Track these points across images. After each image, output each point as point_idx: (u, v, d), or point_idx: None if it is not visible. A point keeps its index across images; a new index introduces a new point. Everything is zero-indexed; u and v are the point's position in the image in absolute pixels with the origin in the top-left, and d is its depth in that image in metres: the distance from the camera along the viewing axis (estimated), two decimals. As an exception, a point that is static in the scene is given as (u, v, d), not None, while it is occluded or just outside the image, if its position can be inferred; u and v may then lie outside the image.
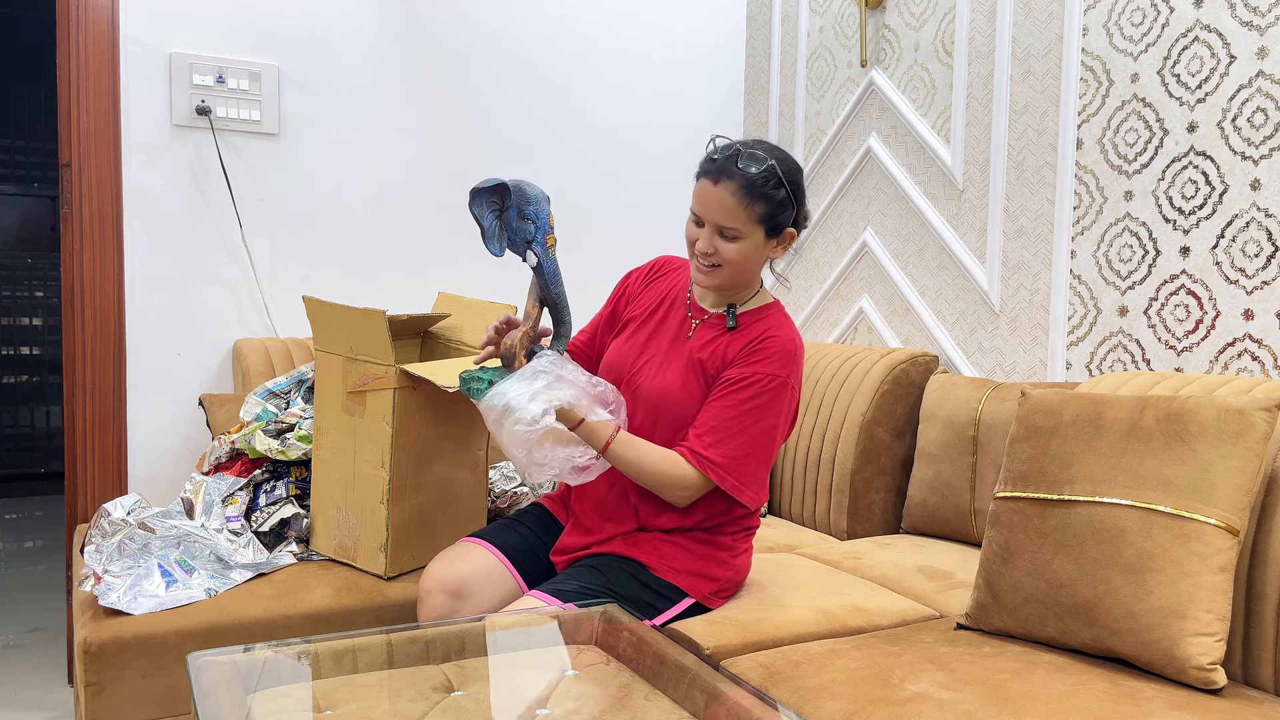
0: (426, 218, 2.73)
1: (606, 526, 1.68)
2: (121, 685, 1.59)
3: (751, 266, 1.62)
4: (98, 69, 2.34)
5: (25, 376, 4.93)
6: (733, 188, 1.53)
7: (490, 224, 1.57)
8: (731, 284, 1.64)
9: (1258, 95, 1.76)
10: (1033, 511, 1.50)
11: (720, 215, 1.55)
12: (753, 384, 1.58)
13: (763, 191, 1.54)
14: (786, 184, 1.56)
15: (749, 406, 1.58)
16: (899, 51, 2.55)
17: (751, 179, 1.53)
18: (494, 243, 1.57)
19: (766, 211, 1.56)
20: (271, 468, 1.96)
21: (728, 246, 1.57)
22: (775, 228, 1.59)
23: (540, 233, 1.55)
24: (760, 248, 1.60)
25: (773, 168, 1.54)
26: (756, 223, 1.56)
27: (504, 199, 1.55)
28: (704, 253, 1.59)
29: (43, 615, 3.01)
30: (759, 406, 1.58)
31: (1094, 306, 2.07)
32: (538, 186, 1.57)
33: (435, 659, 1.36)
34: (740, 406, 1.58)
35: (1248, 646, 1.41)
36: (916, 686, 1.33)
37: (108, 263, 2.37)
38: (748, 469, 1.59)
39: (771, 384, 1.59)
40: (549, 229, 1.56)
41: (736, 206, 1.54)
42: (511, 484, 2.21)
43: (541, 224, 1.55)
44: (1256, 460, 1.35)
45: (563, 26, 2.87)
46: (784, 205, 1.57)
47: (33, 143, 4.90)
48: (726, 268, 1.59)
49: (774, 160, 1.55)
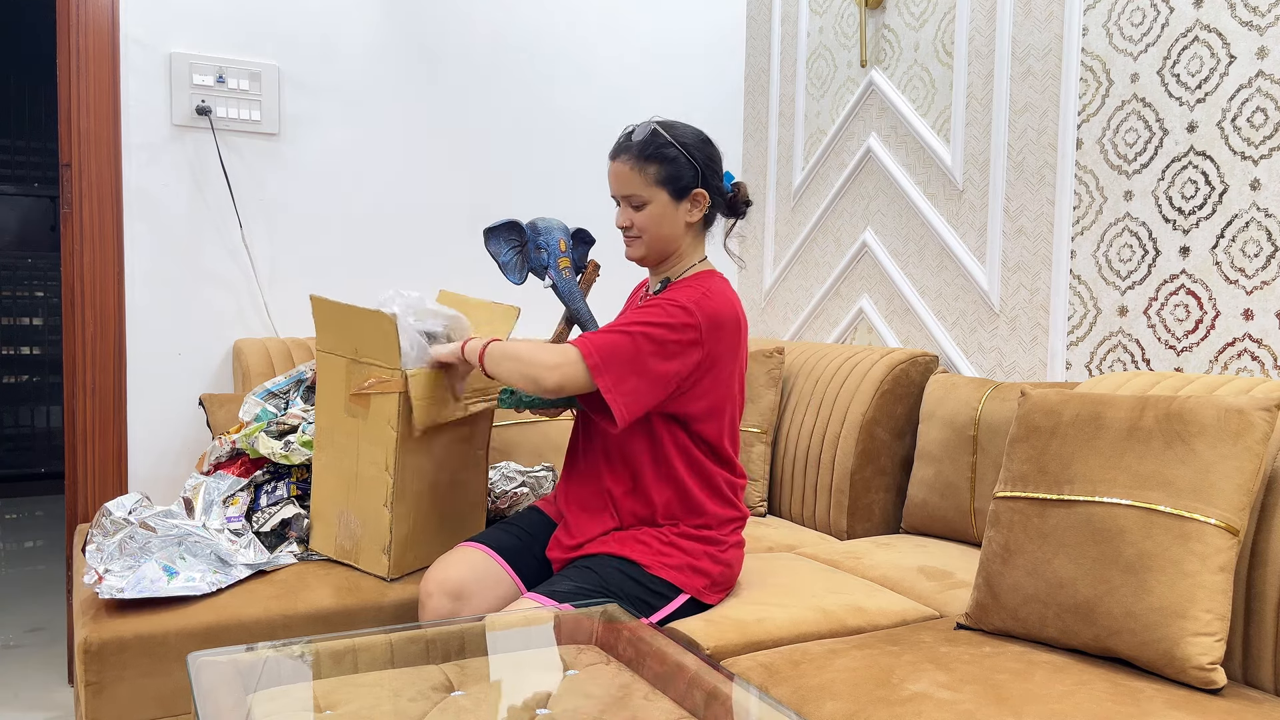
0: (427, 217, 2.73)
1: (589, 525, 1.70)
2: (121, 685, 1.59)
3: (669, 232, 1.68)
4: (98, 69, 2.34)
5: (25, 376, 4.93)
6: (626, 157, 1.66)
7: (510, 258, 1.83)
8: (654, 252, 1.70)
9: (1258, 95, 1.76)
10: (1033, 511, 1.50)
11: (623, 186, 1.67)
12: (653, 307, 1.61)
13: (652, 153, 1.64)
14: (677, 144, 1.65)
15: (642, 321, 1.59)
16: (899, 51, 2.55)
17: (640, 143, 1.65)
18: (514, 274, 1.84)
19: (663, 172, 1.64)
20: (273, 468, 1.96)
21: (638, 215, 1.67)
22: (680, 189, 1.66)
23: (552, 258, 1.78)
24: (670, 209, 1.67)
25: (656, 130, 1.65)
26: (656, 185, 1.65)
27: (522, 235, 1.82)
28: (623, 226, 1.70)
29: (43, 615, 3.01)
30: (652, 323, 1.58)
31: (1094, 306, 2.07)
32: (552, 219, 1.81)
33: (435, 659, 1.36)
34: (634, 317, 1.61)
35: (1248, 646, 1.41)
36: (916, 686, 1.33)
37: (108, 263, 2.37)
38: (616, 360, 1.56)
39: (675, 313, 1.58)
40: (559, 253, 1.78)
41: (631, 173, 1.65)
42: (512, 484, 2.21)
43: (553, 250, 1.78)
44: (1256, 460, 1.35)
45: (563, 27, 2.87)
46: (680, 164, 1.65)
47: (33, 143, 4.90)
48: (645, 236, 1.68)
49: (658, 124, 1.66)
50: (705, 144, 1.69)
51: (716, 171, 1.70)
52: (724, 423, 1.69)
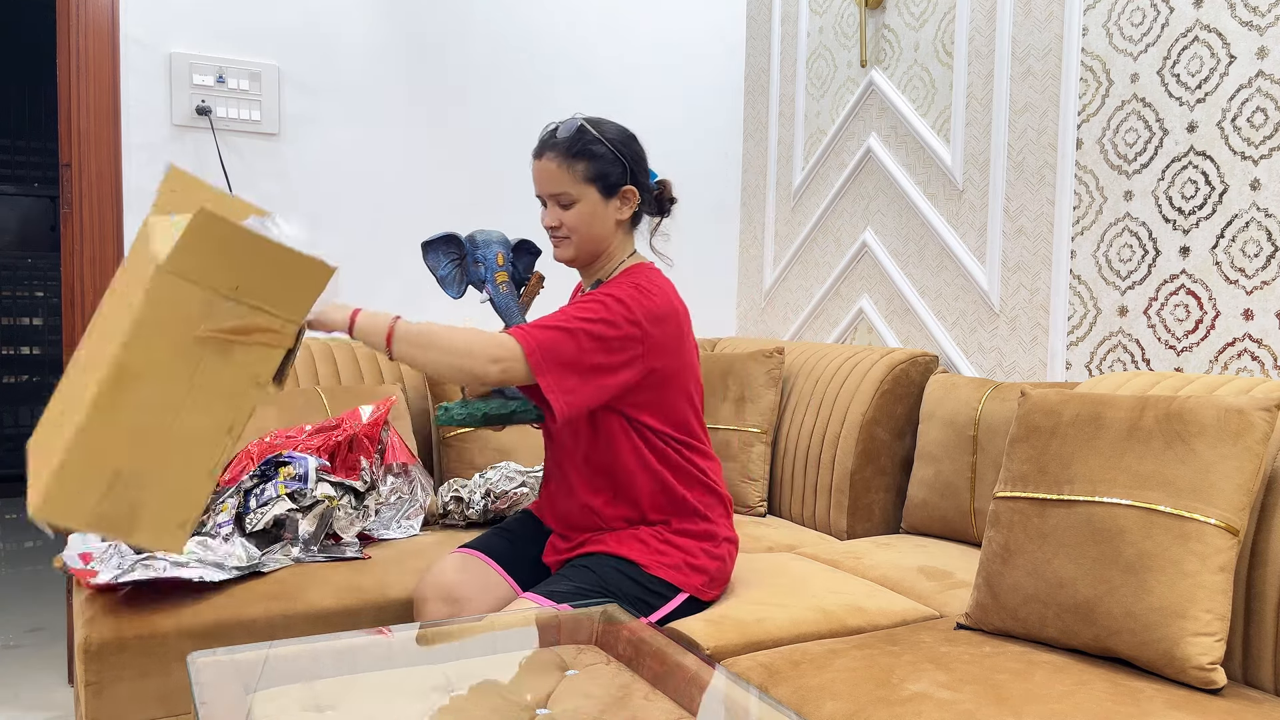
0: (427, 217, 2.73)
1: (577, 536, 1.70)
2: (121, 685, 1.59)
3: (599, 231, 1.65)
4: (98, 69, 2.34)
5: (25, 376, 4.93)
6: (552, 155, 1.62)
7: (448, 271, 1.77)
8: (585, 253, 1.67)
9: (1257, 95, 1.76)
10: (1033, 511, 1.50)
11: (550, 185, 1.63)
12: (594, 302, 1.57)
13: (579, 149, 1.61)
14: (605, 140, 1.62)
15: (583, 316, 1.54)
16: (899, 51, 2.55)
17: (566, 141, 1.61)
18: (452, 288, 1.77)
19: (591, 169, 1.61)
20: (260, 472, 1.95)
21: (567, 214, 1.63)
22: (609, 186, 1.63)
23: (489, 272, 1.71)
24: (600, 207, 1.64)
25: (583, 126, 1.62)
26: (585, 182, 1.62)
27: (460, 249, 1.76)
28: (551, 227, 1.66)
29: (43, 615, 3.01)
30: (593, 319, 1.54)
31: (1094, 306, 2.07)
32: (492, 231, 1.75)
33: (435, 659, 1.36)
34: (574, 312, 1.56)
35: (1248, 646, 1.41)
36: (916, 686, 1.33)
37: (108, 263, 2.37)
38: (558, 358, 1.52)
39: (615, 308, 1.55)
40: (497, 267, 1.71)
41: (559, 170, 1.61)
42: (512, 484, 2.21)
43: (490, 264, 1.71)
44: (1256, 460, 1.35)
45: (563, 27, 2.87)
46: (608, 160, 1.62)
47: (33, 143, 4.90)
48: (574, 236, 1.65)
49: (585, 121, 1.63)
50: (631, 140, 1.67)
51: (643, 168, 1.68)
52: (686, 413, 1.67)
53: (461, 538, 2.11)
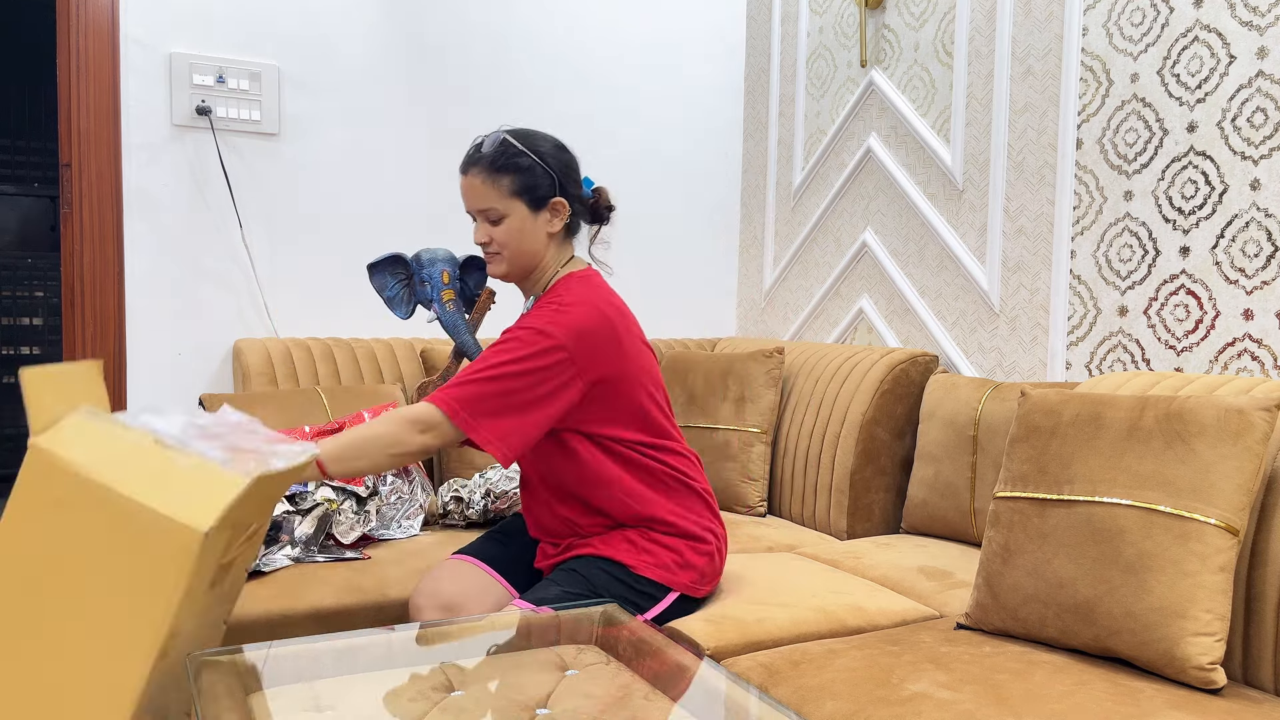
0: (427, 217, 2.73)
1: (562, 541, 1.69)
2: (121, 685, 1.59)
3: (530, 246, 1.63)
4: (98, 69, 2.34)
5: (25, 376, 4.93)
6: (477, 170, 1.60)
7: (396, 292, 1.80)
8: (518, 267, 1.65)
9: (1257, 95, 1.76)
10: (1033, 511, 1.50)
11: (477, 200, 1.61)
12: (510, 341, 1.54)
13: (505, 163, 1.59)
14: (530, 151, 1.60)
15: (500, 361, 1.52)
16: (899, 51, 2.55)
17: (490, 155, 1.59)
18: (400, 308, 1.80)
19: (518, 182, 1.59)
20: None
21: (497, 230, 1.62)
22: (537, 199, 1.61)
23: (435, 291, 1.73)
24: (529, 221, 1.62)
25: (507, 139, 1.60)
26: (512, 196, 1.60)
27: (407, 269, 1.78)
28: (482, 243, 1.64)
29: (43, 615, 3.00)
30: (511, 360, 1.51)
31: (1094, 306, 2.07)
32: (438, 249, 1.77)
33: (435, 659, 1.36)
34: (491, 359, 1.53)
35: (1248, 646, 1.41)
36: (916, 686, 1.33)
37: (108, 263, 2.37)
38: (484, 410, 1.50)
39: (534, 340, 1.52)
40: (443, 285, 1.74)
41: (484, 186, 1.60)
42: (512, 484, 2.21)
43: (435, 283, 1.73)
44: (1256, 460, 1.35)
45: (562, 28, 2.87)
46: (536, 173, 1.60)
47: (33, 143, 4.90)
48: (505, 252, 1.63)
49: (508, 134, 1.61)
50: (560, 150, 1.64)
51: (574, 179, 1.65)
52: (648, 413, 1.64)
53: (461, 538, 2.11)
